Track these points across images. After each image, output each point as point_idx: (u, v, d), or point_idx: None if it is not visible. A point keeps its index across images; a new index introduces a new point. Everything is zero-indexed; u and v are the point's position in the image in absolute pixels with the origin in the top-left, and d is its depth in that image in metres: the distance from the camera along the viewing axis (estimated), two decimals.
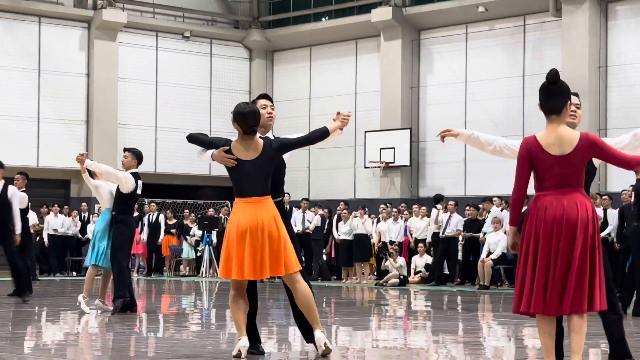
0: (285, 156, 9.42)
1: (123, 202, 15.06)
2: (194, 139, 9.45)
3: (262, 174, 8.98)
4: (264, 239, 8.84)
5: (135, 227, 16.08)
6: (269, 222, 8.89)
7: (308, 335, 9.32)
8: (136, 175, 15.20)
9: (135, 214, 30.35)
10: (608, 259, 7.85)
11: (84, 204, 30.88)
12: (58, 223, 29.53)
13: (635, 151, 7.81)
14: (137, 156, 15.55)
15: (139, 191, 15.34)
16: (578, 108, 7.94)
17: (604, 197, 23.28)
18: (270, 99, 9.65)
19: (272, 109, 9.52)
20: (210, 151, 9.24)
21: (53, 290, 22.52)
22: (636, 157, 7.45)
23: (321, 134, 9.21)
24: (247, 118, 8.99)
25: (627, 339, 8.13)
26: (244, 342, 8.90)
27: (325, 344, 8.98)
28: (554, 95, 7.56)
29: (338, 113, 9.32)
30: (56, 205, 29.73)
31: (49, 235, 29.17)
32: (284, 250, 8.90)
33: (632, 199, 21.33)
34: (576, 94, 8.03)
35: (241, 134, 9.05)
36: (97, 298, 15.42)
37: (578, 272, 7.16)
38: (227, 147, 9.07)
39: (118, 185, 14.97)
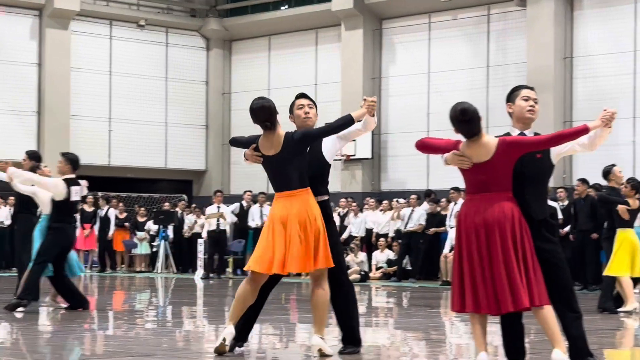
0: (327, 154, 9.39)
1: (57, 209, 14.83)
2: (235, 142, 9.62)
3: (288, 167, 9.02)
4: (293, 233, 8.88)
5: (72, 236, 15.66)
6: (300, 216, 8.93)
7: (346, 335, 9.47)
8: (70, 181, 14.92)
9: (91, 209, 30.28)
10: (564, 257, 8.01)
11: None
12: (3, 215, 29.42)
13: (593, 147, 8.01)
14: (72, 161, 15.28)
15: (76, 197, 15.09)
16: (536, 103, 7.96)
17: (559, 191, 23.51)
18: (308, 98, 9.54)
19: (310, 108, 9.42)
20: (245, 152, 9.33)
21: (3, 286, 22.37)
22: (554, 134, 7.79)
23: (344, 122, 9.17)
24: (256, 114, 9.02)
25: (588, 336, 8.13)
26: (229, 330, 8.93)
27: (319, 350, 9.01)
28: (467, 127, 7.83)
29: (364, 99, 9.26)
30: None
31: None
32: (312, 247, 8.91)
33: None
34: (532, 88, 8.07)
35: (264, 130, 9.09)
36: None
37: (506, 272, 7.56)
38: (255, 145, 9.12)
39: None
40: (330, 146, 9.41)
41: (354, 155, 31.77)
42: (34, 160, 15.94)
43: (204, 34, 36.16)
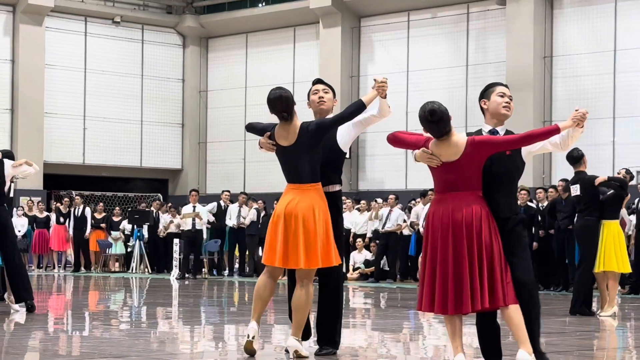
0: (341, 143, 9.36)
1: None
2: (251, 127, 9.53)
3: (301, 160, 8.96)
4: (297, 228, 8.83)
5: None
6: (305, 212, 8.86)
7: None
8: None
9: (64, 209, 30.22)
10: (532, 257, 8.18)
11: None
12: None
13: (565, 146, 7.98)
14: None
15: None
16: (511, 100, 7.89)
17: (538, 191, 23.57)
18: (324, 83, 9.55)
19: (326, 92, 9.46)
20: (259, 140, 9.25)
21: None
22: (524, 134, 7.68)
23: (356, 108, 9.20)
24: (273, 104, 9.00)
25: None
26: (253, 325, 8.94)
27: (295, 351, 8.96)
28: (435, 127, 7.78)
29: (375, 80, 9.22)
30: None
31: None
32: (314, 244, 8.85)
33: (565, 194, 21.67)
34: (507, 86, 8.04)
35: (280, 120, 9.06)
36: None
37: (469, 273, 7.56)
38: (269, 133, 9.07)
39: None
40: (345, 134, 9.36)
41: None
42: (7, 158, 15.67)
43: (180, 31, 36.12)
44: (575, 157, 16.23)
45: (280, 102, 8.99)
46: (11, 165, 14.76)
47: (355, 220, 27.28)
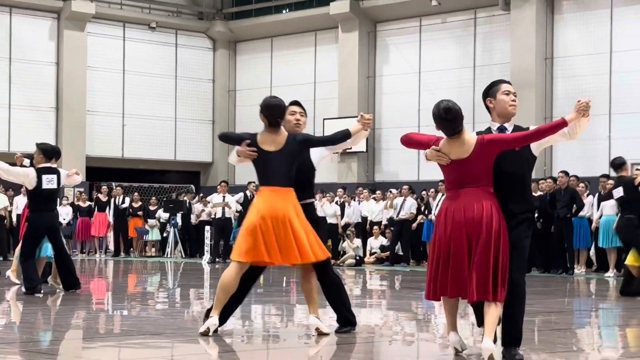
0: (315, 160, 9.36)
1: (32, 198, 14.68)
2: (225, 137, 9.70)
3: (285, 165, 8.92)
4: (286, 228, 8.80)
5: (50, 221, 15.35)
6: (289, 213, 8.85)
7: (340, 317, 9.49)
8: (44, 170, 14.57)
9: (105, 198, 30.36)
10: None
11: None
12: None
13: (573, 136, 7.80)
14: (44, 151, 14.81)
15: (49, 186, 14.58)
16: (515, 96, 7.65)
17: (547, 181, 23.45)
18: (301, 105, 9.46)
19: (302, 115, 9.38)
20: (236, 148, 9.16)
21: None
22: (533, 130, 7.46)
23: (343, 136, 9.13)
24: (273, 110, 8.95)
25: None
26: (214, 321, 8.89)
27: (317, 329, 9.08)
28: (449, 125, 7.58)
29: (361, 115, 9.22)
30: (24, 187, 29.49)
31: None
32: (299, 240, 8.84)
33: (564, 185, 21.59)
34: (510, 82, 7.87)
35: (267, 126, 8.99)
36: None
37: (481, 265, 7.36)
38: (249, 141, 9.00)
39: None
40: (318, 153, 9.39)
41: (349, 149, 31.75)
42: (45, 153, 15.67)
43: (211, 35, 36.14)
44: (618, 164, 16.87)
45: (280, 109, 9.01)
46: (66, 175, 14.95)
47: (371, 208, 27.29)
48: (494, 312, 7.39)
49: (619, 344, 9.83)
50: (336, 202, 27.63)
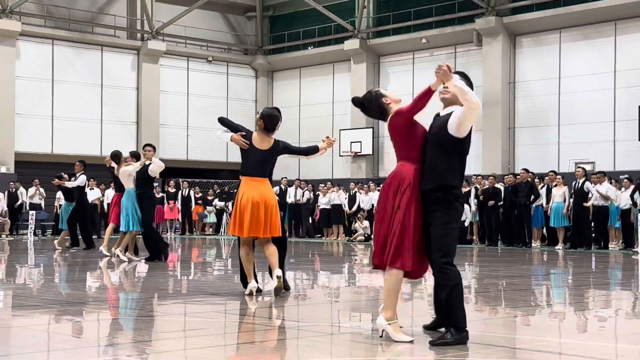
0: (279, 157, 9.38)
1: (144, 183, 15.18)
2: (223, 121, 9.41)
3: (267, 162, 8.97)
4: (267, 209, 8.79)
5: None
6: (270, 197, 8.86)
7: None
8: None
9: (172, 190, 30.44)
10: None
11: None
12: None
13: (467, 101, 6.35)
14: (133, 156, 15.90)
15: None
16: (447, 89, 6.49)
17: (510, 176, 23.33)
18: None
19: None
20: (231, 134, 9.11)
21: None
22: (412, 102, 6.45)
23: (312, 150, 9.24)
24: (272, 119, 8.91)
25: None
26: (253, 284, 8.92)
27: (277, 277, 8.86)
28: (366, 112, 6.98)
29: (327, 137, 9.23)
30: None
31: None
32: (275, 219, 8.90)
33: (526, 179, 21.36)
34: (457, 72, 6.63)
35: (262, 129, 8.94)
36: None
37: (391, 233, 6.10)
38: (244, 133, 8.98)
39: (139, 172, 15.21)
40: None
41: (360, 152, 31.81)
42: (134, 157, 16.01)
43: (254, 66, 36.17)
44: None
45: (276, 119, 8.96)
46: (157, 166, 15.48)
47: (377, 197, 27.21)
48: (387, 282, 6.16)
49: (566, 300, 9.80)
50: (349, 194, 27.62)
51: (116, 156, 15.83)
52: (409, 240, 6.03)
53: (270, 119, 8.89)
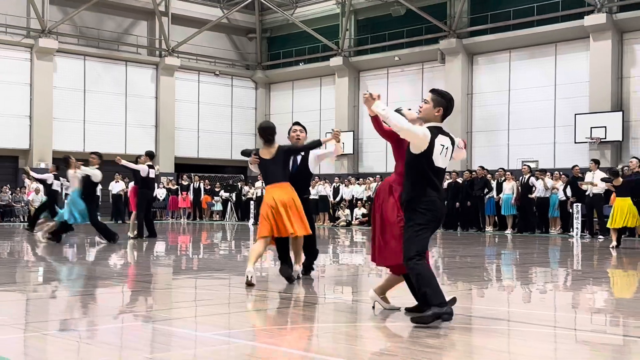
0: (311, 167, 8.69)
1: (143, 181, 15.26)
2: (243, 153, 9.03)
3: (278, 167, 8.24)
4: (287, 211, 8.07)
5: (149, 196, 16.15)
6: (289, 200, 8.11)
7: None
8: (149, 166, 15.85)
9: (185, 182, 30.34)
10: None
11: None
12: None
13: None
14: (148, 155, 16.02)
15: (152, 175, 15.56)
16: (426, 103, 5.95)
17: (467, 173, 23.38)
18: (300, 125, 8.82)
19: (301, 132, 8.73)
20: (249, 159, 8.60)
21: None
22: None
23: (314, 144, 8.56)
24: (264, 131, 8.41)
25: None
26: (250, 269, 7.93)
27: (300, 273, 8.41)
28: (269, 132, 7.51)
29: (332, 129, 8.51)
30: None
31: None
32: (295, 219, 8.11)
33: (481, 175, 21.34)
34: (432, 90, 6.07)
35: (264, 143, 8.44)
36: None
37: (374, 234, 6.09)
38: (255, 152, 8.46)
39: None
40: (312, 162, 8.72)
41: (343, 152, 31.77)
42: (149, 156, 15.99)
43: (254, 79, 36.09)
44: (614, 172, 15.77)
45: (270, 130, 8.39)
46: (157, 169, 15.68)
47: (357, 190, 27.30)
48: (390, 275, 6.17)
49: (514, 275, 9.84)
50: (334, 186, 27.66)
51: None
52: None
53: (264, 131, 8.48)
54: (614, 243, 15.12)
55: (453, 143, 5.82)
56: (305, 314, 6.21)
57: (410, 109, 6.50)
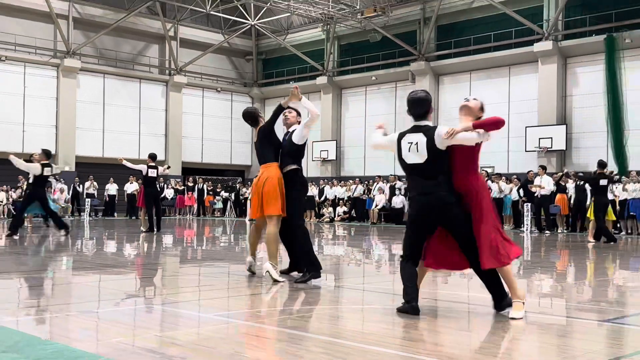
0: (296, 140, 7.39)
1: (145, 181, 15.42)
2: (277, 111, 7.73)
3: (264, 148, 7.33)
4: (259, 191, 7.18)
5: (152, 194, 15.99)
6: (267, 179, 7.16)
7: None
8: (151, 167, 15.62)
9: (191, 184, 30.18)
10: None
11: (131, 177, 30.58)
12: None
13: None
14: (151, 157, 15.86)
15: (153, 174, 15.46)
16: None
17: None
18: (292, 109, 7.68)
19: (289, 112, 7.59)
20: None
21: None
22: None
23: (277, 110, 7.48)
24: (245, 116, 7.79)
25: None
26: (249, 259, 7.72)
27: (267, 272, 7.14)
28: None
29: (291, 91, 7.35)
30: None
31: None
32: (268, 198, 7.10)
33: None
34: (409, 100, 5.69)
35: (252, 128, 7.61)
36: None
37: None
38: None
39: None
40: (298, 134, 7.40)
41: (327, 158, 31.81)
42: (151, 158, 16.28)
43: (251, 95, 36.02)
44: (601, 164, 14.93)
45: (248, 115, 7.62)
46: (162, 169, 15.97)
47: (339, 191, 27.32)
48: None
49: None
50: (319, 188, 27.65)
51: (152, 157, 15.90)
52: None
53: (244, 118, 7.69)
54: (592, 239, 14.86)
55: (429, 135, 5.14)
56: (294, 298, 6.21)
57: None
